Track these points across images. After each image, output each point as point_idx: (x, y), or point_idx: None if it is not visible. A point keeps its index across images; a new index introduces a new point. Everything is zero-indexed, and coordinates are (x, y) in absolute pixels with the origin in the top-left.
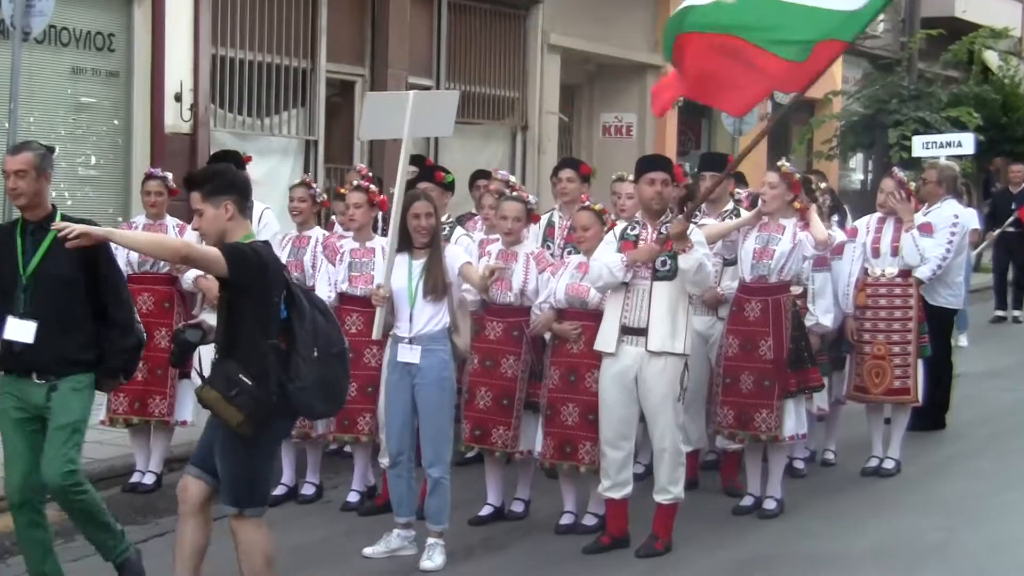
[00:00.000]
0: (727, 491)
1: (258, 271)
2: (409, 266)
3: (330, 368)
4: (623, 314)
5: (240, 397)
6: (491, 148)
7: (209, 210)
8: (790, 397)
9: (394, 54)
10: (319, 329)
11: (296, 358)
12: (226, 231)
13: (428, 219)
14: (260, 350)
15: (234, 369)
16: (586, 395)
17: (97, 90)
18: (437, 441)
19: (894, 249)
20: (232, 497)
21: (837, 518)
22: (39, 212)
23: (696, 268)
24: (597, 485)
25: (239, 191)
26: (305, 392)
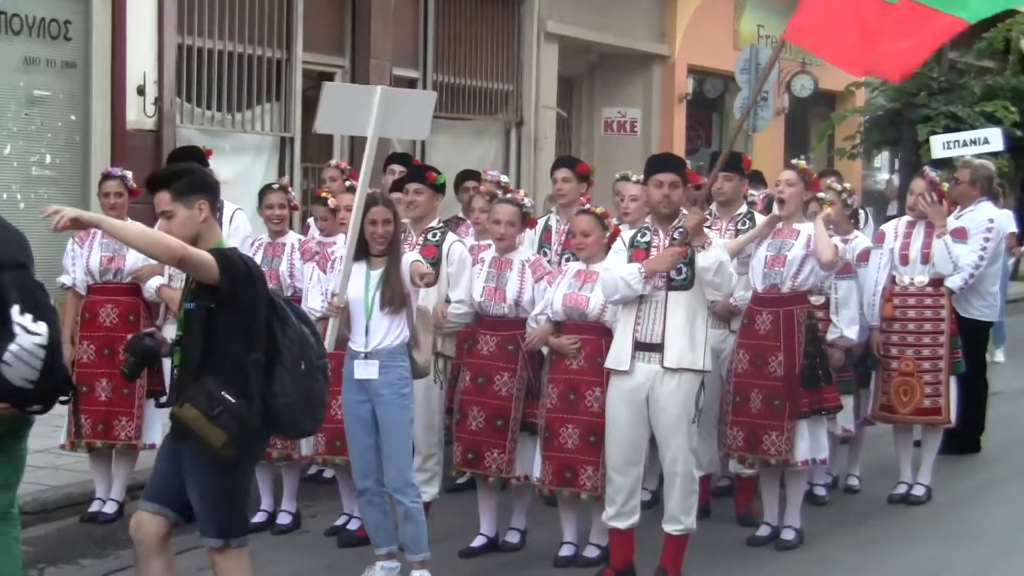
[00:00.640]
0: (742, 520)
1: (247, 280)
2: (366, 276)
3: (316, 382)
4: (636, 328)
5: (223, 416)
6: (483, 146)
7: (181, 211)
8: (803, 418)
9: (377, 43)
10: (305, 340)
11: (281, 371)
12: (199, 235)
13: (385, 226)
14: (242, 365)
15: (215, 386)
16: (587, 415)
17: (52, 82)
18: (401, 463)
19: (924, 256)
20: (214, 528)
21: (862, 549)
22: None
23: (716, 267)
24: (600, 513)
25: (212, 191)
26: (291, 408)
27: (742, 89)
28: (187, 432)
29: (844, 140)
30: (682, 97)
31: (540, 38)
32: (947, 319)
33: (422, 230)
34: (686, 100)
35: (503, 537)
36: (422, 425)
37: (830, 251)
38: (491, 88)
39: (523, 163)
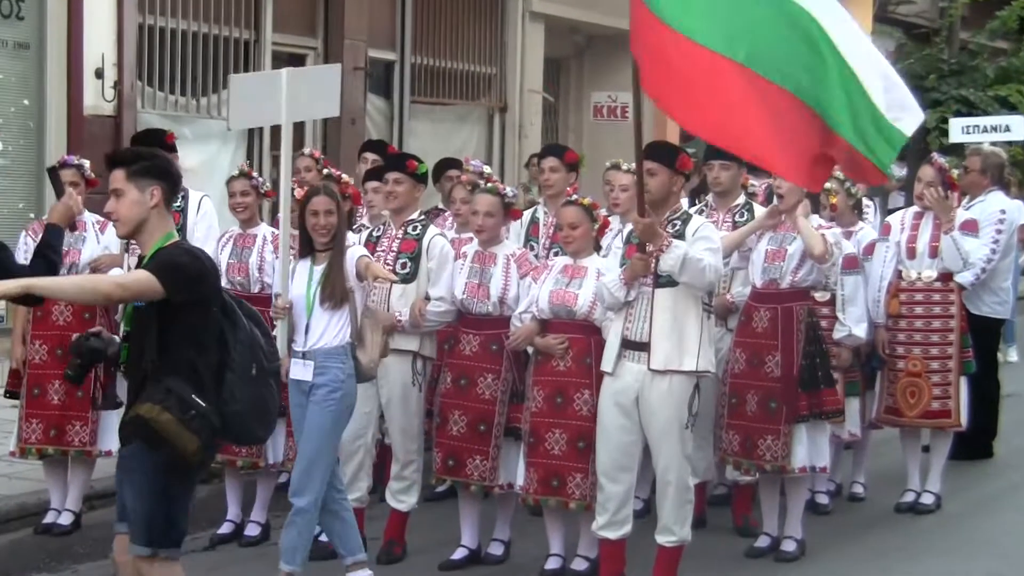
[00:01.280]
0: (740, 530)
1: (197, 281)
2: (310, 272)
3: (268, 388)
4: (625, 325)
5: (196, 421)
6: (464, 132)
7: (132, 192)
8: (801, 422)
9: (351, 23)
10: (256, 343)
11: (231, 376)
12: (145, 221)
13: (327, 217)
14: (197, 367)
15: (184, 388)
16: (575, 419)
17: (4, 65)
18: (310, 467)
19: (932, 249)
20: (145, 536)
21: (867, 561)
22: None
23: (680, 266)
24: (588, 524)
25: (169, 180)
26: (242, 415)
27: None
28: (149, 435)
29: None
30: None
31: (525, 18)
32: (957, 316)
33: (402, 223)
34: None
35: (485, 549)
36: (399, 430)
37: (819, 243)
38: (473, 71)
39: (507, 151)
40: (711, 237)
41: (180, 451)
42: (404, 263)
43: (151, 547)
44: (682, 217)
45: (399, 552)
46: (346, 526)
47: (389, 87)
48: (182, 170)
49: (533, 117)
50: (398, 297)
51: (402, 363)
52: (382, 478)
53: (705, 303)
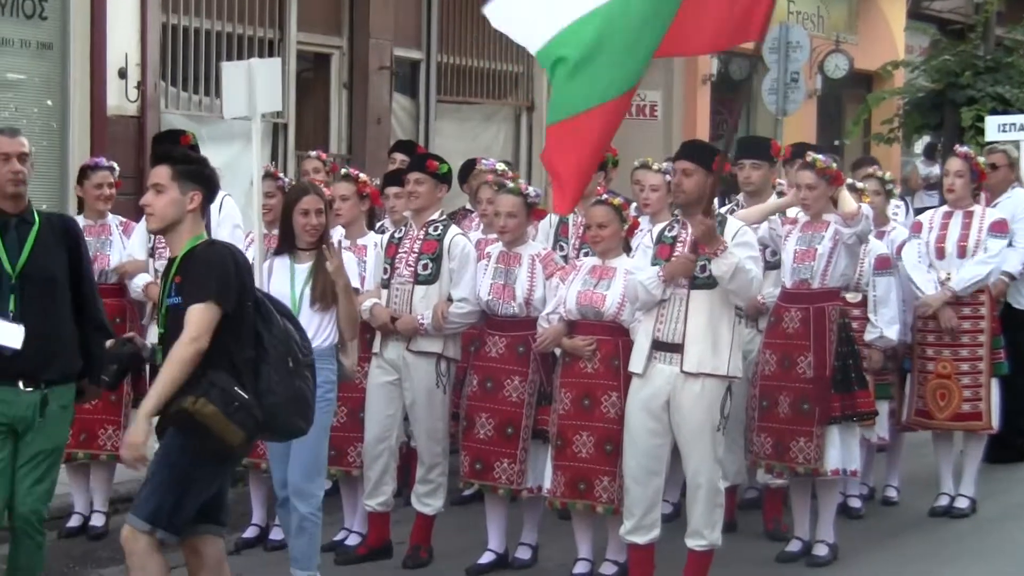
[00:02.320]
0: (770, 534)
1: (237, 281)
2: (291, 270)
3: (304, 380)
4: (656, 326)
5: (240, 413)
6: (491, 132)
7: (173, 191)
8: (834, 423)
9: (377, 22)
10: (290, 336)
11: (267, 370)
12: (178, 222)
13: (318, 216)
14: (235, 362)
15: (227, 381)
16: (602, 422)
17: (27, 65)
18: (308, 468)
19: (961, 249)
20: (148, 510)
21: (901, 566)
22: (23, 203)
23: (732, 274)
24: (617, 527)
25: (210, 188)
26: (281, 408)
27: (770, 70)
28: (194, 428)
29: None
30: (706, 79)
31: None
32: (987, 317)
33: (423, 223)
34: (710, 82)
35: (513, 553)
36: (424, 433)
37: (852, 204)
38: (500, 69)
39: (534, 150)
40: (752, 243)
41: (226, 443)
42: (425, 264)
43: (151, 522)
44: (717, 220)
45: (425, 556)
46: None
47: (415, 86)
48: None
49: None
50: (420, 299)
51: (426, 365)
52: (407, 482)
53: (738, 307)
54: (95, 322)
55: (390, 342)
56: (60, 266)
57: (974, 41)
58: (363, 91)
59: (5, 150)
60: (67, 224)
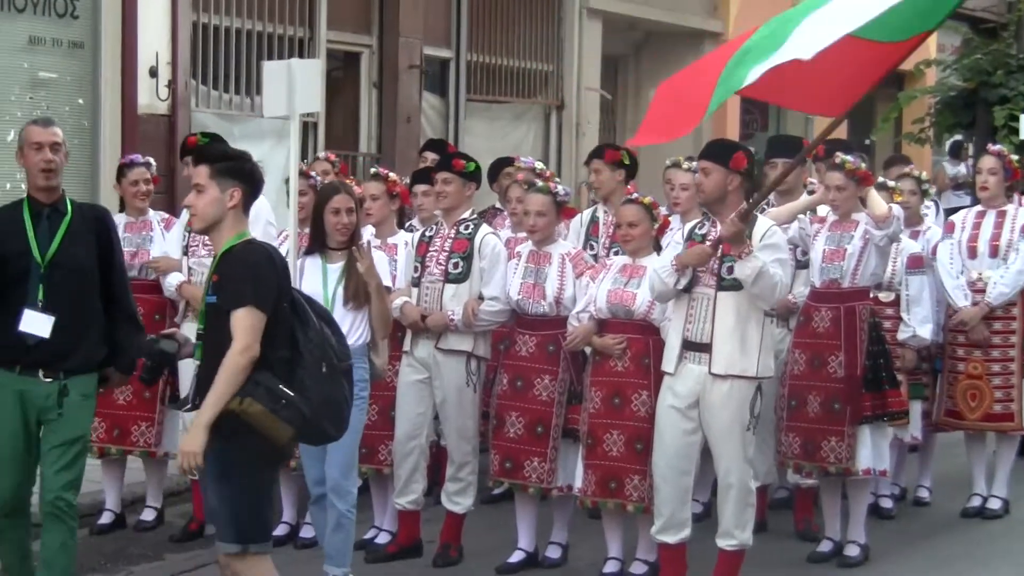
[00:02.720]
0: (801, 535)
1: (275, 279)
2: (323, 270)
3: (339, 386)
4: (686, 326)
5: (287, 410)
6: (521, 131)
7: (213, 191)
8: (865, 423)
9: (406, 21)
10: (326, 341)
11: (301, 373)
12: (221, 220)
13: (350, 215)
14: (271, 363)
15: (272, 379)
16: (633, 420)
17: (58, 63)
18: (344, 466)
19: (993, 249)
20: (235, 531)
21: (932, 568)
22: (56, 193)
23: (755, 277)
24: (647, 526)
25: (252, 185)
26: (314, 412)
27: None
28: (241, 428)
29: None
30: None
31: (582, 14)
32: (1019, 317)
33: (453, 222)
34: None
35: (543, 552)
36: (455, 431)
37: (882, 206)
38: (529, 68)
39: (564, 149)
40: (780, 245)
41: (274, 441)
42: (456, 263)
43: (241, 543)
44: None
45: (455, 555)
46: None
47: (444, 85)
48: None
49: (590, 115)
50: (450, 297)
51: (456, 364)
52: (437, 480)
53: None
54: (125, 312)
55: (420, 341)
56: (90, 256)
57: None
58: (393, 90)
59: (38, 139)
60: (99, 214)
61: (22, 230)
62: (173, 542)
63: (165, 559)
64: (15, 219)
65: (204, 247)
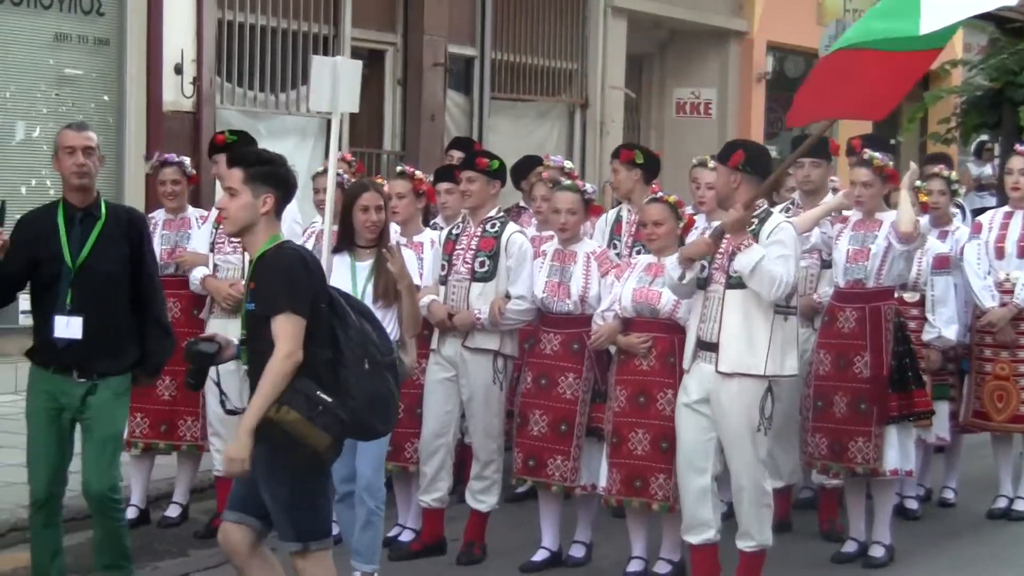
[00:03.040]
0: (826, 535)
1: (310, 281)
2: (352, 268)
3: (383, 381)
4: (699, 325)
5: (324, 417)
6: (545, 129)
7: (246, 195)
8: (892, 423)
9: (431, 19)
10: (367, 338)
11: (344, 372)
12: (253, 225)
13: (378, 213)
14: (315, 364)
15: (310, 386)
16: (658, 419)
17: (84, 60)
18: (376, 464)
19: (1021, 249)
20: (294, 531)
21: (958, 569)
22: (90, 197)
23: (752, 269)
24: (672, 525)
25: (285, 189)
26: (359, 411)
27: None
28: (279, 437)
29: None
30: (761, 76)
31: (607, 13)
32: None
33: (480, 220)
34: (766, 80)
35: (567, 551)
36: (481, 429)
37: (910, 221)
38: (554, 67)
39: (588, 148)
40: (785, 242)
41: (312, 449)
42: (483, 261)
43: (301, 541)
44: (761, 215)
45: (479, 553)
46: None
47: (469, 83)
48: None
49: (614, 114)
50: (477, 296)
51: (484, 362)
52: (461, 478)
53: (780, 305)
54: (152, 315)
55: (448, 339)
56: (121, 260)
57: None
58: (417, 88)
59: (71, 143)
60: (132, 218)
61: (55, 234)
62: (197, 538)
63: (189, 555)
64: (49, 222)
65: (230, 244)
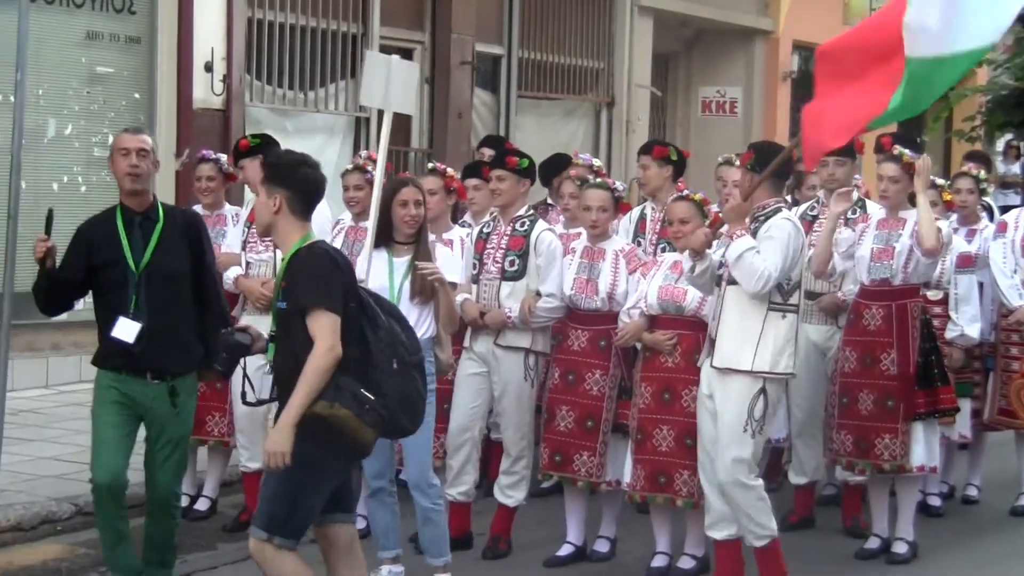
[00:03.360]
0: (849, 531)
1: (340, 280)
2: (389, 263)
3: (411, 380)
4: (712, 321)
5: (371, 414)
6: (571, 127)
7: (262, 196)
8: (918, 420)
9: (458, 17)
10: (396, 338)
11: (373, 372)
12: (272, 225)
13: (418, 208)
14: (347, 366)
15: (353, 384)
16: (683, 416)
17: (115, 58)
18: (422, 461)
19: None
20: (264, 521)
21: (981, 565)
22: (146, 200)
23: (736, 258)
24: (696, 521)
25: (298, 189)
26: (392, 408)
27: None
28: (327, 431)
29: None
30: (787, 75)
31: (633, 12)
32: None
33: (510, 219)
34: (791, 79)
35: (591, 546)
36: (512, 425)
37: (933, 236)
38: (580, 65)
39: (614, 146)
40: (777, 238)
41: (360, 444)
42: (512, 260)
43: (268, 531)
44: (768, 212)
45: (504, 547)
46: (393, 521)
47: (496, 81)
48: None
49: (640, 112)
50: (507, 295)
51: (515, 359)
52: (487, 473)
53: (776, 302)
54: (215, 310)
55: (480, 336)
56: (182, 261)
57: None
58: (444, 86)
59: (125, 145)
60: (190, 218)
61: (116, 239)
62: (225, 532)
63: (217, 548)
64: (109, 228)
65: (262, 243)
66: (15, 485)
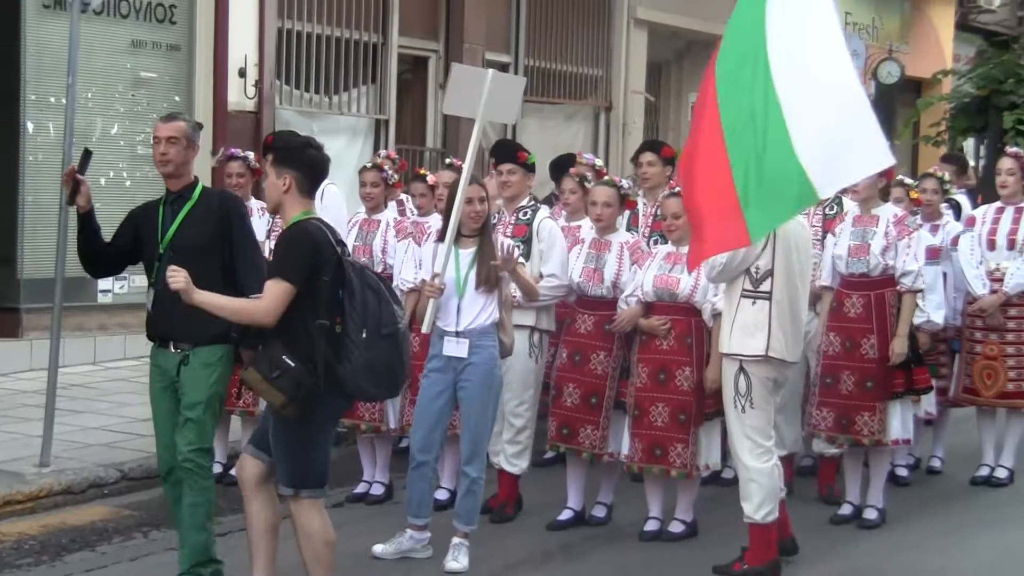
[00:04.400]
0: (824, 499)
1: (312, 255)
2: (456, 256)
3: (378, 351)
4: None
5: (282, 379)
6: (572, 130)
7: (271, 176)
8: (896, 398)
9: (470, 28)
10: (368, 310)
11: (346, 339)
12: (282, 203)
13: (481, 204)
14: (307, 331)
15: (278, 351)
16: (677, 394)
17: (157, 64)
18: (478, 438)
19: (1011, 242)
20: (288, 478)
21: (944, 531)
22: (182, 182)
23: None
24: (687, 490)
25: (305, 169)
26: (352, 374)
27: None
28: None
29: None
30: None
31: (630, 24)
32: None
33: (514, 209)
34: None
35: (590, 511)
36: (516, 398)
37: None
38: (581, 73)
39: (611, 147)
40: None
41: (270, 405)
42: (517, 247)
43: (293, 487)
44: None
45: (511, 512)
46: (429, 494)
47: None
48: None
49: (636, 116)
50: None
51: (521, 337)
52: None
53: (748, 290)
54: (236, 288)
55: None
56: (206, 236)
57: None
58: None
59: (157, 133)
60: (225, 198)
61: (155, 216)
62: None
63: None
64: (152, 207)
65: None
66: (67, 452)
